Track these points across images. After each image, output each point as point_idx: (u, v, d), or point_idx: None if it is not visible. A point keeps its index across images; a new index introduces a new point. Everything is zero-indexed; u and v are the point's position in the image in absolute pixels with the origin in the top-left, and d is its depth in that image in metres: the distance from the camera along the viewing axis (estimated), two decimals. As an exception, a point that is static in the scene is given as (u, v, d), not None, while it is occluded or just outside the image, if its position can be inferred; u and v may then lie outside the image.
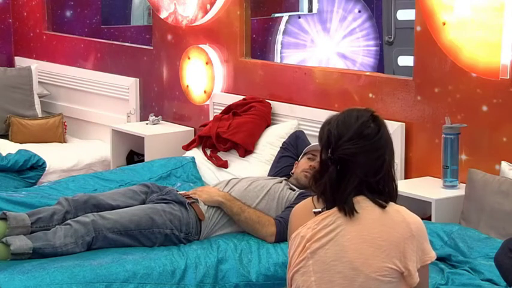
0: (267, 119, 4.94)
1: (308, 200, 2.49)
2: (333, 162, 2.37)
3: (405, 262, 2.33)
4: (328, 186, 2.38)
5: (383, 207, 2.36)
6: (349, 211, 2.35)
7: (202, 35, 5.46)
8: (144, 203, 3.93)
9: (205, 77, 5.38)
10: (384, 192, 2.39)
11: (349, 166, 2.36)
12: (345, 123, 2.41)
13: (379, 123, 2.43)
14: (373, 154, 2.38)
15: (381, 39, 6.71)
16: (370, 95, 4.48)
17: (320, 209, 2.41)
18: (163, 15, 5.63)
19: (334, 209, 2.38)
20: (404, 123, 4.30)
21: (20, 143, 5.91)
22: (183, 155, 5.07)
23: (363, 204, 2.36)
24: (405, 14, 6.39)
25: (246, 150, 4.83)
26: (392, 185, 2.42)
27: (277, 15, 6.86)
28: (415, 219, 2.39)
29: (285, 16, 6.77)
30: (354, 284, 2.32)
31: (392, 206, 2.39)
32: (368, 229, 2.34)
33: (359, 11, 6.74)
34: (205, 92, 5.41)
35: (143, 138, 5.44)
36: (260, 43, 6.67)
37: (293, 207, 3.82)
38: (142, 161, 5.41)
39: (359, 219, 2.35)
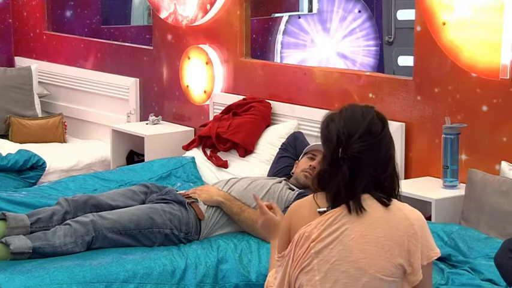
0: (267, 119, 4.93)
1: (309, 198, 2.46)
2: (345, 161, 2.35)
3: (409, 259, 2.32)
4: (342, 186, 2.35)
5: (386, 205, 2.35)
6: (356, 208, 2.33)
7: (202, 35, 5.45)
8: (143, 203, 3.92)
9: (205, 77, 5.38)
10: (389, 189, 2.38)
11: (360, 164, 2.34)
12: (352, 120, 2.39)
13: (383, 118, 2.43)
14: (381, 150, 2.37)
15: (381, 39, 6.71)
16: (370, 95, 4.48)
17: (325, 209, 2.39)
18: (163, 15, 5.63)
19: (339, 208, 2.36)
20: (404, 123, 4.30)
21: (20, 143, 5.91)
22: (183, 155, 5.06)
23: (368, 202, 2.35)
24: (405, 14, 6.40)
25: (246, 150, 4.83)
26: (396, 181, 2.41)
27: (277, 15, 6.86)
28: (417, 215, 2.38)
29: (285, 16, 6.77)
30: (358, 283, 2.31)
31: (395, 204, 2.38)
32: (372, 228, 2.33)
33: (359, 11, 6.74)
34: (205, 92, 5.40)
35: (143, 138, 5.44)
36: (260, 43, 6.67)
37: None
38: (143, 161, 5.41)
39: (363, 218, 2.34)
